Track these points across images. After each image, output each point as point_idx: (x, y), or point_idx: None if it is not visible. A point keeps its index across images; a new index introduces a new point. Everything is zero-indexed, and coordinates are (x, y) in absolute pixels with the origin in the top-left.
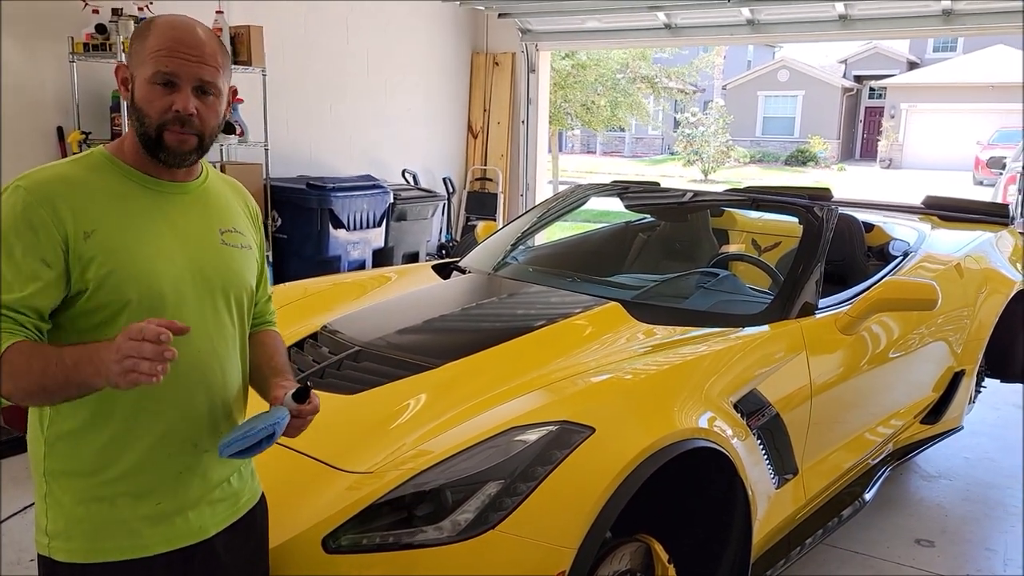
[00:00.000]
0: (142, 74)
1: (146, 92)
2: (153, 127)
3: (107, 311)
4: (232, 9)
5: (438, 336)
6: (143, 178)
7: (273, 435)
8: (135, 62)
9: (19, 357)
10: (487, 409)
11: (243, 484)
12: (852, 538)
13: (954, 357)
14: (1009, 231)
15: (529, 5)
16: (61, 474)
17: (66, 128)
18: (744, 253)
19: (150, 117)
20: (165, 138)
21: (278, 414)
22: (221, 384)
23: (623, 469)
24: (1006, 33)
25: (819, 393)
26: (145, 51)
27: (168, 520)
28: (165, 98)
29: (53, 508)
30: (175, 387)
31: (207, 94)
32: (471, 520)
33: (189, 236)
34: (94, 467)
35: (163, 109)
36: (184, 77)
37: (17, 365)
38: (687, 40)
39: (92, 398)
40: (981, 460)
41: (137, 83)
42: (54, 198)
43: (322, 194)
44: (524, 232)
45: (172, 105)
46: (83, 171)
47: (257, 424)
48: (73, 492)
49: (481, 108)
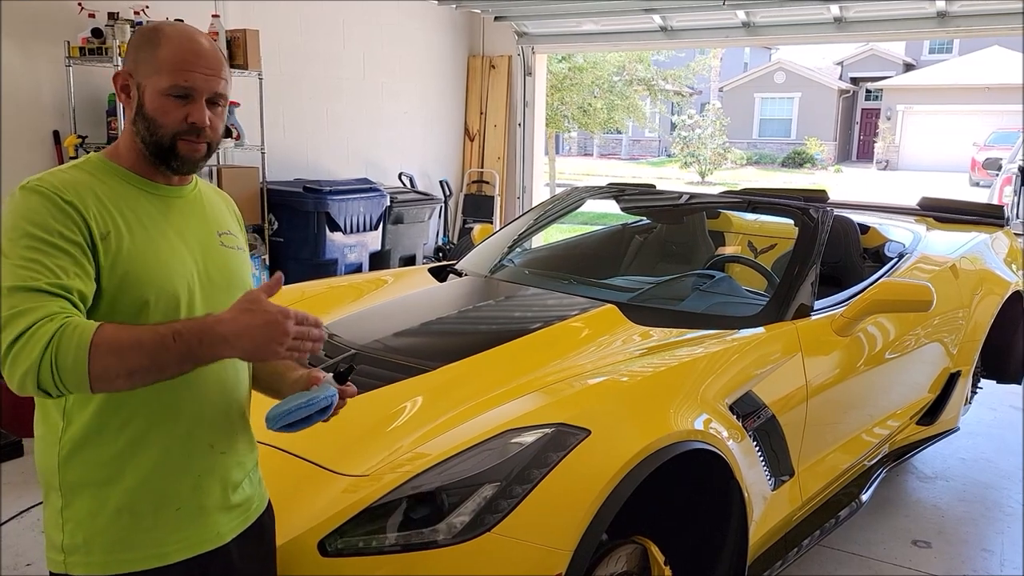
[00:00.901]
0: (155, 84)
1: (161, 103)
2: (168, 137)
3: (126, 313)
4: (228, 13)
5: (434, 339)
6: (144, 182)
7: (329, 407)
8: (144, 71)
9: (123, 332)
10: (483, 412)
11: (254, 490)
12: (849, 539)
13: (950, 358)
14: (1004, 232)
15: (525, 8)
16: (79, 485)
17: (62, 132)
18: (740, 255)
19: (165, 128)
20: (179, 147)
21: (329, 390)
22: (234, 383)
23: (619, 471)
24: (1001, 35)
25: (815, 395)
26: (158, 62)
27: (188, 526)
28: (180, 110)
29: (71, 522)
30: (192, 387)
31: (217, 105)
32: (467, 523)
33: (193, 239)
34: (113, 475)
35: (178, 120)
36: (200, 90)
37: (124, 341)
38: (683, 43)
39: (109, 403)
40: (977, 461)
41: (149, 93)
42: (70, 198)
43: (319, 197)
44: (521, 235)
45: (187, 117)
46: (87, 175)
47: (317, 394)
48: (92, 503)
49: (478, 111)
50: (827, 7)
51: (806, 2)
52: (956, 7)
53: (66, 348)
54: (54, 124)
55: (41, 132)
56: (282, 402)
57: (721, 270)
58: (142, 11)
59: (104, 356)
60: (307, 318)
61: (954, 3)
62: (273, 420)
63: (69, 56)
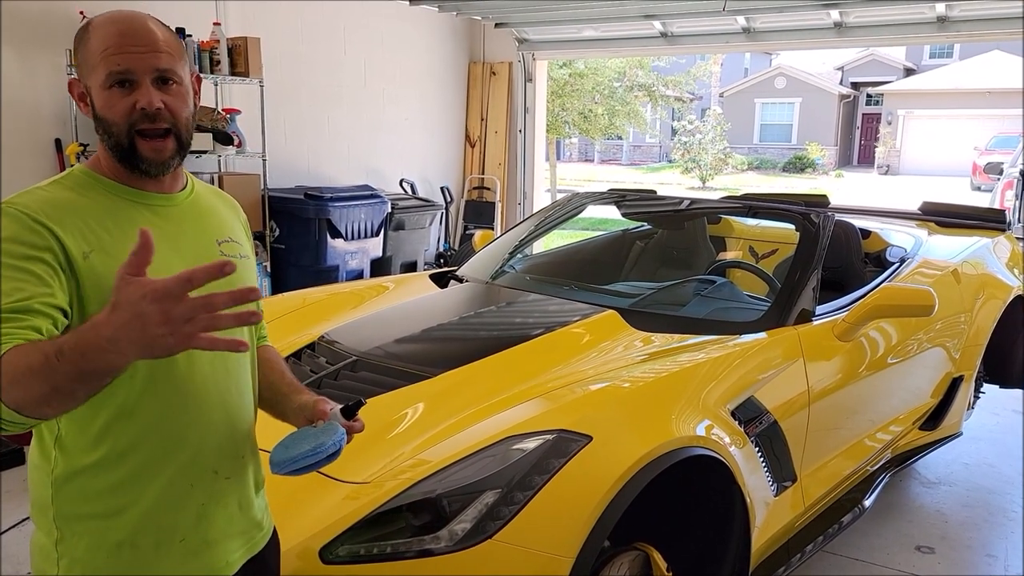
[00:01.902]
0: (95, 81)
1: (105, 98)
2: (124, 134)
3: None
4: (229, 21)
5: (436, 345)
6: (129, 192)
7: (337, 452)
8: (85, 71)
9: (19, 358)
10: (484, 418)
11: (261, 516)
12: (852, 545)
13: (952, 363)
14: (1006, 236)
15: (526, 15)
16: (75, 518)
17: (64, 140)
18: (741, 260)
19: (117, 124)
20: (139, 147)
21: (337, 433)
22: (238, 405)
23: (620, 477)
24: (1002, 39)
25: (817, 400)
26: (91, 55)
27: (192, 558)
28: (126, 99)
29: (66, 557)
30: (195, 410)
31: (168, 82)
32: (468, 529)
33: (188, 249)
34: (112, 508)
35: (126, 111)
36: (140, 71)
37: (19, 369)
38: (683, 49)
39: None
40: (980, 466)
41: (94, 92)
42: (47, 220)
43: (320, 204)
44: (521, 241)
45: (136, 104)
46: (68, 192)
47: (324, 440)
48: (90, 537)
49: (478, 117)
50: (827, 12)
51: (806, 8)
52: (956, 12)
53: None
54: (56, 132)
55: (43, 140)
56: (287, 444)
57: (722, 275)
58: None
59: (9, 390)
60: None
61: (954, 8)
62: (278, 466)
63: (70, 64)
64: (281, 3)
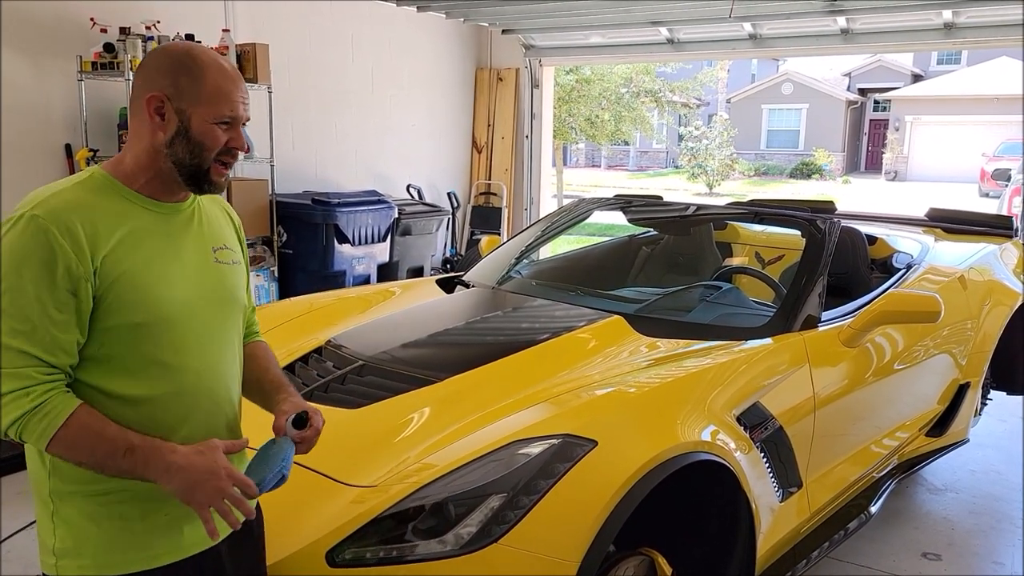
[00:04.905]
0: (203, 114)
1: (209, 130)
2: (209, 160)
3: (120, 334)
4: (238, 27)
5: (442, 350)
6: (143, 199)
7: (283, 478)
8: (188, 99)
9: (83, 434)
10: (490, 423)
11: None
12: (858, 551)
13: (959, 369)
14: (1013, 243)
15: (532, 21)
16: (67, 494)
17: (74, 145)
18: (747, 266)
19: (209, 152)
20: (212, 172)
21: (284, 452)
22: (226, 400)
23: (626, 482)
24: (1009, 46)
25: (823, 406)
26: (205, 92)
27: (177, 529)
28: (223, 135)
29: (61, 527)
30: (184, 406)
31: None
32: (474, 534)
33: (189, 257)
34: (103, 488)
35: (221, 145)
36: (241, 118)
37: (80, 442)
38: (689, 55)
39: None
40: (987, 473)
41: (195, 120)
42: (73, 227)
43: (327, 209)
44: (528, 246)
45: (228, 143)
46: (89, 194)
47: (264, 475)
48: (81, 509)
49: (485, 123)
50: (833, 19)
51: (812, 15)
52: (963, 18)
53: (31, 431)
54: (66, 137)
55: (53, 145)
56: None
57: (728, 281)
58: (153, 26)
59: (58, 447)
60: (249, 486)
61: (961, 14)
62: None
63: (81, 70)
64: (290, 10)
